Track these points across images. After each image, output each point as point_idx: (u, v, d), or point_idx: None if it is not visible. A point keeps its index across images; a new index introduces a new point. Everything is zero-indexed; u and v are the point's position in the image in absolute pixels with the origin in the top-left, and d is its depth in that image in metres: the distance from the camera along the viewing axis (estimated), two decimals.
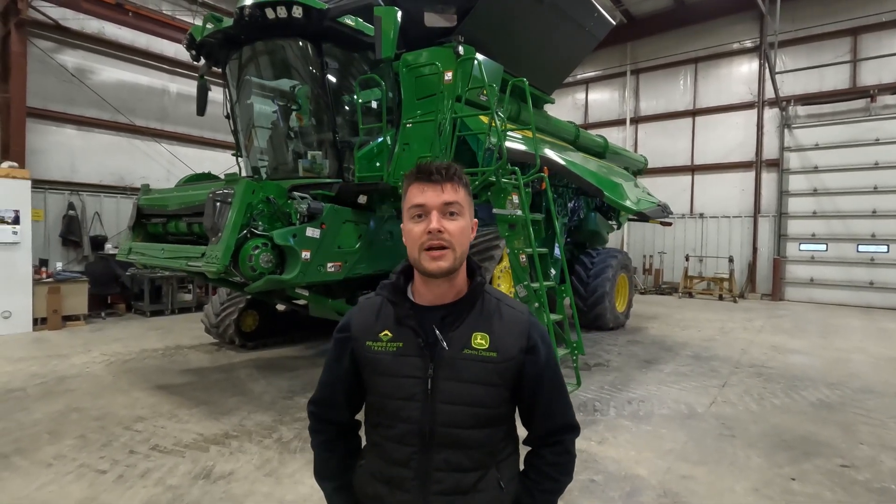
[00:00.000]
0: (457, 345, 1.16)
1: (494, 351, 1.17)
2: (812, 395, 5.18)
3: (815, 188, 12.70)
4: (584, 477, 3.34)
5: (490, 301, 1.23)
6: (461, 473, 1.15)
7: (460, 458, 1.15)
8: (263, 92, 5.75)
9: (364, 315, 1.25)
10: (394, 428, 1.17)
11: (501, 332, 1.19)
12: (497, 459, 1.21)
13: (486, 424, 1.17)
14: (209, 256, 4.07)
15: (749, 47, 13.75)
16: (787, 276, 13.04)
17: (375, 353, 1.19)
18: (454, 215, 1.15)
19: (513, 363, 1.18)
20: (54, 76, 9.30)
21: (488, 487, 1.17)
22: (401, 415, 1.16)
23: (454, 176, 1.17)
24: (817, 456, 3.74)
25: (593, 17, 7.23)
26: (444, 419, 1.14)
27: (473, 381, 1.15)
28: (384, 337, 1.19)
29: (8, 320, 7.51)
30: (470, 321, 1.19)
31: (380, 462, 1.20)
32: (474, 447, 1.16)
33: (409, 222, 1.17)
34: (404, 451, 1.16)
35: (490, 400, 1.17)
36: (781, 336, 8.27)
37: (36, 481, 3.16)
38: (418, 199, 1.14)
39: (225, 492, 3.07)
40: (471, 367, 1.15)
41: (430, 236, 1.12)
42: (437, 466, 1.14)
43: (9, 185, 7.59)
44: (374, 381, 1.20)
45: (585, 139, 8.65)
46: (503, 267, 5.53)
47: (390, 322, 1.20)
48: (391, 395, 1.17)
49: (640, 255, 15.13)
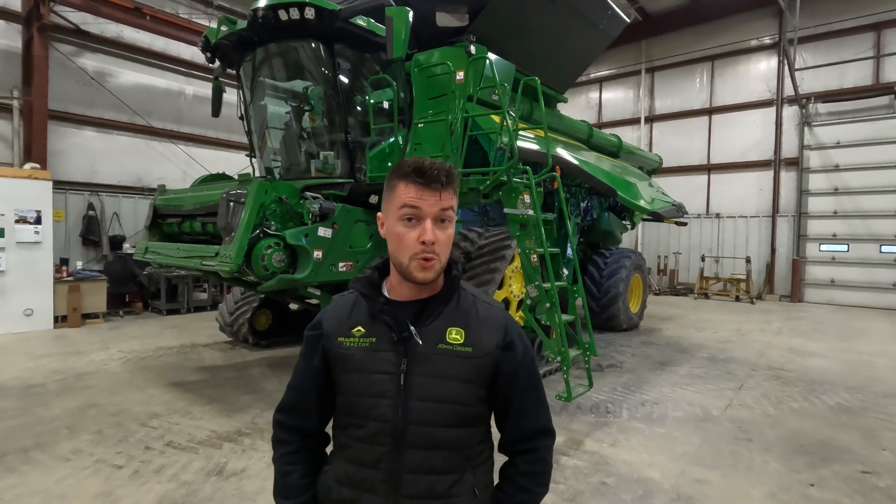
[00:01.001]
0: (431, 339, 1.13)
1: (470, 346, 1.13)
2: (831, 398, 5.07)
3: (835, 187, 12.42)
4: (596, 479, 3.31)
5: (466, 297, 1.20)
6: (435, 476, 1.10)
7: (434, 460, 1.11)
8: (276, 93, 5.81)
9: (337, 311, 1.21)
10: (364, 427, 1.12)
11: (477, 327, 1.16)
12: (473, 464, 1.16)
13: (461, 424, 1.13)
14: (222, 256, 4.12)
15: (767, 44, 13.51)
16: (807, 277, 12.78)
17: (347, 349, 1.15)
18: (445, 222, 1.12)
19: (488, 359, 1.14)
20: (75, 79, 9.51)
21: (462, 493, 1.12)
22: (372, 413, 1.11)
23: (453, 181, 1.12)
24: (836, 461, 3.65)
25: (607, 14, 7.16)
26: (418, 417, 1.10)
27: (448, 377, 1.11)
28: (357, 332, 1.15)
29: (30, 318, 7.69)
30: (445, 316, 1.15)
31: (347, 465, 1.14)
32: (449, 448, 1.12)
33: (397, 224, 1.10)
34: (375, 451, 1.10)
35: (465, 397, 1.13)
36: (800, 338, 8.10)
37: (54, 475, 3.23)
38: (414, 202, 1.09)
39: (237, 489, 3.10)
40: (445, 361, 1.12)
41: (425, 247, 1.08)
42: (409, 468, 1.09)
43: (31, 186, 7.77)
44: (344, 378, 1.15)
45: (599, 138, 8.57)
46: (515, 267, 5.50)
47: (363, 317, 1.17)
48: (363, 393, 1.13)
49: (654, 256, 14.95)
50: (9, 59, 8.87)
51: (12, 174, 7.74)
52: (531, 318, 4.77)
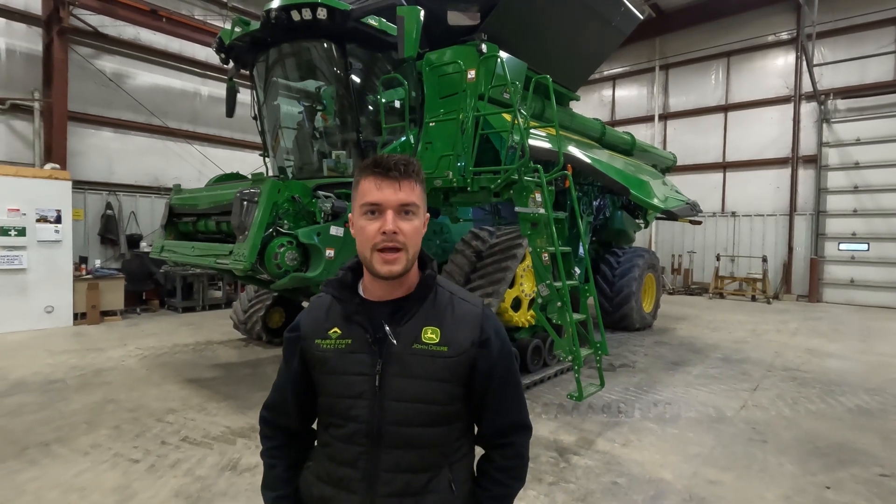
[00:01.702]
0: (406, 339, 1.12)
1: (445, 345, 1.12)
2: (850, 400, 4.97)
3: (855, 185, 12.17)
4: (607, 479, 3.29)
5: (443, 294, 1.19)
6: (411, 474, 1.11)
7: (410, 459, 1.11)
8: (289, 93, 5.86)
9: (314, 313, 1.22)
10: (344, 427, 1.13)
11: (453, 325, 1.15)
12: (450, 460, 1.17)
13: (438, 423, 1.13)
14: (236, 254, 4.17)
15: (785, 39, 13.27)
16: (826, 276, 12.54)
17: (324, 352, 1.15)
18: (409, 214, 1.11)
19: (464, 357, 1.14)
20: (93, 81, 9.69)
21: (439, 489, 1.13)
22: (350, 413, 1.12)
23: (412, 173, 1.11)
24: (854, 464, 3.59)
25: (620, 11, 7.09)
26: (393, 417, 1.10)
27: (423, 377, 1.11)
28: (333, 334, 1.16)
29: (51, 315, 7.86)
30: (420, 315, 1.15)
31: (327, 463, 1.16)
32: (425, 447, 1.12)
33: (360, 219, 1.11)
34: (352, 450, 1.12)
35: (441, 396, 1.12)
36: (818, 339, 7.96)
37: (74, 468, 3.31)
38: (373, 196, 1.09)
39: (250, 484, 3.14)
40: (421, 362, 1.11)
41: (385, 237, 1.08)
42: (385, 467, 1.10)
43: (52, 186, 7.94)
44: (323, 380, 1.16)
45: (612, 136, 8.50)
46: (526, 266, 5.49)
47: (339, 319, 1.17)
48: (340, 394, 1.14)
49: (668, 255, 14.79)
50: (30, 62, 9.08)
51: (33, 174, 7.92)
52: (542, 317, 4.76)
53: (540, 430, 4.08)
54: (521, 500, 3.03)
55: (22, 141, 9.05)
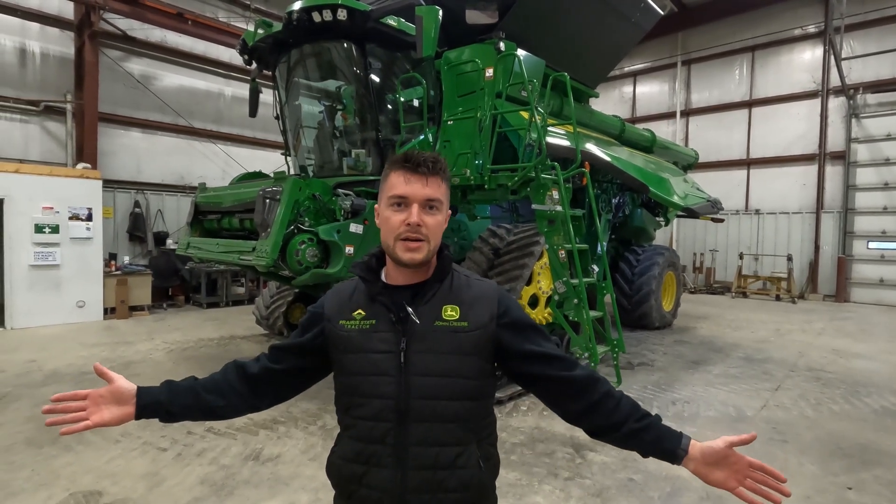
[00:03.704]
0: (428, 318, 1.17)
1: (465, 321, 1.18)
2: (875, 402, 4.87)
3: (886, 182, 11.80)
4: (623, 476, 3.31)
5: (459, 277, 1.26)
6: (439, 448, 1.15)
7: (438, 432, 1.15)
8: (310, 93, 5.98)
9: (338, 297, 1.27)
10: (368, 406, 1.17)
11: (471, 302, 1.20)
12: (478, 437, 1.21)
13: (462, 397, 1.17)
14: (259, 251, 4.29)
15: (812, 32, 12.92)
16: (854, 275, 12.20)
17: (348, 332, 1.20)
18: (433, 209, 1.17)
19: (484, 332, 1.19)
20: (122, 83, 10.00)
21: (468, 465, 1.16)
22: (376, 391, 1.16)
23: (440, 170, 1.18)
24: (877, 465, 3.52)
25: (640, 7, 7.03)
26: (420, 392, 1.14)
27: (446, 352, 1.16)
28: (357, 315, 1.21)
29: (82, 309, 8.16)
30: (440, 295, 1.20)
31: (355, 443, 1.19)
32: (452, 420, 1.16)
33: (387, 209, 1.17)
34: (380, 427, 1.15)
35: (464, 369, 1.17)
36: (844, 339, 7.77)
37: (106, 455, 3.46)
38: (401, 189, 1.15)
39: (273, 473, 3.25)
40: (443, 337, 1.16)
41: (409, 228, 1.13)
42: (414, 441, 1.14)
43: (83, 185, 8.23)
44: (346, 360, 1.21)
45: (631, 133, 8.43)
46: (543, 263, 5.50)
47: (363, 301, 1.22)
48: (364, 372, 1.18)
49: (690, 253, 14.56)
50: (62, 65, 9.41)
51: (65, 174, 8.22)
52: (559, 314, 4.78)
53: (556, 426, 4.10)
54: (536, 493, 3.07)
55: (55, 141, 9.39)
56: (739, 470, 1.11)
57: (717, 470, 1.13)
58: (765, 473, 1.11)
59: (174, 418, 1.25)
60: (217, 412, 1.28)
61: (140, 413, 1.21)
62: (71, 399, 1.16)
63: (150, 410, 1.22)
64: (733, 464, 1.12)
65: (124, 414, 1.20)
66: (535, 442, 3.82)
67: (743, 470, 1.11)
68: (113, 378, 1.20)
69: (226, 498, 2.94)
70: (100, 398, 1.18)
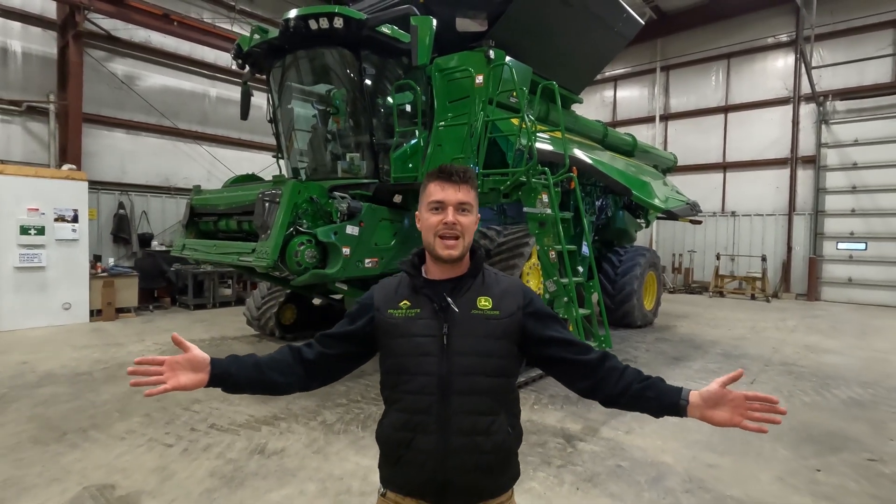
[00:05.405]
0: (465, 307, 1.38)
1: (497, 310, 1.39)
2: (844, 393, 5.19)
3: (854, 185, 12.37)
4: (612, 462, 3.51)
5: (490, 274, 1.48)
6: (476, 416, 1.34)
7: (475, 403, 1.35)
8: (305, 97, 6.07)
9: (385, 290, 1.47)
10: (414, 381, 1.36)
11: (501, 294, 1.42)
12: (506, 408, 1.41)
13: (494, 373, 1.38)
14: (259, 252, 4.39)
15: (784, 41, 13.47)
16: (824, 275, 12.75)
17: (396, 319, 1.40)
18: (465, 211, 1.38)
19: (514, 319, 1.40)
20: (106, 83, 9.91)
21: (500, 431, 1.37)
22: (421, 369, 1.35)
23: (469, 179, 1.40)
24: (844, 450, 3.80)
25: (622, 17, 7.31)
26: (460, 369, 1.34)
27: (482, 336, 1.37)
28: (404, 305, 1.41)
29: (68, 311, 8.08)
30: (474, 288, 1.42)
31: (401, 414, 1.38)
32: (486, 393, 1.36)
33: (426, 213, 1.39)
34: (425, 400, 1.34)
35: (497, 350, 1.38)
36: (816, 336, 8.17)
37: (113, 451, 3.53)
38: (438, 195, 1.37)
39: (279, 465, 3.37)
40: (478, 323, 1.37)
41: (446, 226, 1.35)
42: (455, 410, 1.33)
43: (69, 186, 8.16)
44: (393, 343, 1.40)
45: (614, 138, 8.71)
46: (533, 263, 5.70)
47: (408, 293, 1.42)
48: (410, 353, 1.37)
49: (669, 254, 15.00)
50: (45, 65, 9.29)
51: (51, 175, 8.14)
52: None
53: (547, 419, 4.30)
54: (531, 480, 3.25)
55: (37, 142, 9.27)
56: (739, 405, 1.30)
57: (719, 411, 1.31)
58: (761, 401, 1.29)
59: (239, 390, 1.41)
60: (278, 388, 1.45)
61: (212, 381, 1.36)
62: (150, 363, 1.30)
63: (220, 380, 1.37)
64: (731, 401, 1.30)
65: (199, 380, 1.34)
66: (528, 434, 4.00)
67: (742, 404, 1.30)
68: (189, 347, 1.35)
69: (237, 489, 3.06)
70: (176, 364, 1.32)
